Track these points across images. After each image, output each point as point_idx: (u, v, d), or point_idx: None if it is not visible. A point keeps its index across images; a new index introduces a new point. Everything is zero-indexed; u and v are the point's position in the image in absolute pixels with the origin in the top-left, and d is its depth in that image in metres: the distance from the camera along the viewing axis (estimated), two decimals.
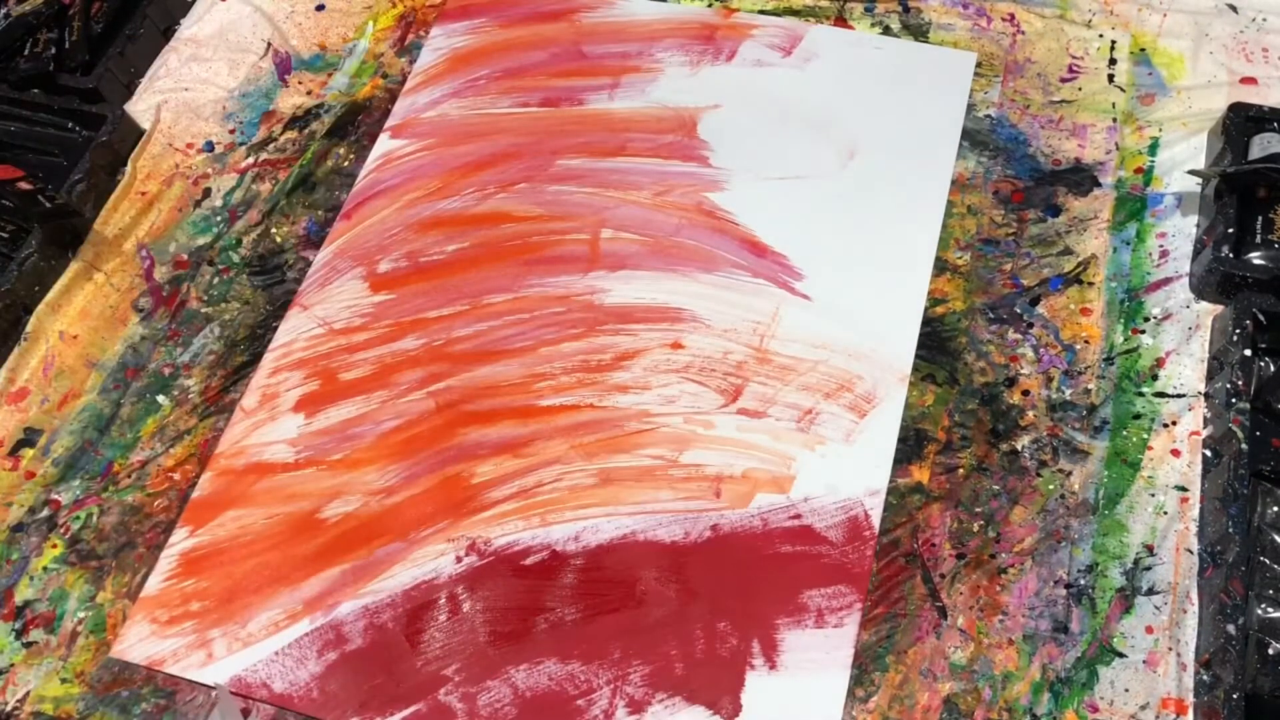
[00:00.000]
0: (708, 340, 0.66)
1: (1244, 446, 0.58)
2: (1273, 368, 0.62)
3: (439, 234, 0.73)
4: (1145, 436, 0.62)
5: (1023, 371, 0.64)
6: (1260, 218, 0.66)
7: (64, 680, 0.59)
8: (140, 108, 0.80)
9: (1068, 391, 0.63)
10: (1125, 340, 0.65)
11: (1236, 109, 0.69)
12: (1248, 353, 0.61)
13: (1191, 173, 0.68)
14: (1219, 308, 0.65)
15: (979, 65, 0.76)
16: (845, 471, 0.61)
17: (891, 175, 0.71)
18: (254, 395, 0.68)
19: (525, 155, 0.75)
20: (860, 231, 0.69)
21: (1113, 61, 0.75)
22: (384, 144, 0.77)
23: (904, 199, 0.70)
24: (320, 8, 0.84)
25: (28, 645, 0.61)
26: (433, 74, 0.80)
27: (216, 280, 0.73)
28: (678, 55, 0.78)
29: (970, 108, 0.74)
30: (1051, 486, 0.61)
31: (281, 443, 0.66)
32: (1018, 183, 0.71)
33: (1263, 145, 0.67)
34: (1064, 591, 0.58)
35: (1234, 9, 0.76)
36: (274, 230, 0.74)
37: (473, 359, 0.67)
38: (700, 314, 0.67)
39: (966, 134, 0.73)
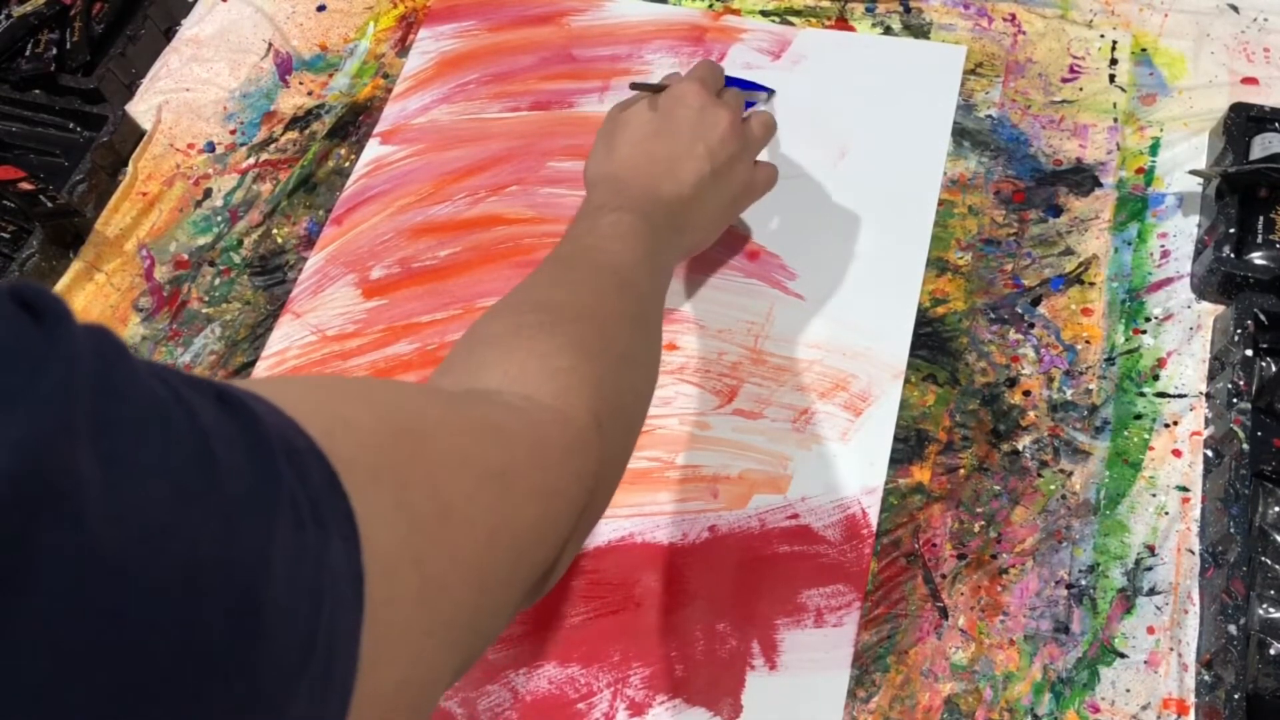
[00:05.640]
0: (702, 341, 0.66)
1: (1245, 447, 0.58)
2: (1274, 368, 0.62)
3: (431, 239, 0.72)
4: (1146, 437, 0.61)
5: (1024, 372, 0.64)
6: (1261, 218, 0.66)
7: None
8: (141, 108, 0.80)
9: (1069, 392, 0.63)
10: (1126, 340, 0.65)
11: (1238, 109, 0.69)
12: (1249, 353, 0.61)
13: (1193, 173, 0.68)
14: (1220, 308, 0.65)
15: (980, 65, 0.75)
16: (842, 470, 0.61)
17: (884, 171, 0.71)
18: None
19: (516, 158, 0.75)
20: (853, 230, 0.69)
21: (1114, 62, 0.75)
22: (373, 149, 0.76)
23: (897, 195, 0.70)
24: (321, 8, 0.84)
25: None
26: (422, 78, 0.79)
27: (217, 281, 0.73)
28: (668, 58, 0.78)
29: (971, 108, 0.74)
30: (1053, 487, 0.60)
31: None
32: (1019, 183, 0.70)
33: (1264, 145, 0.67)
34: (1065, 592, 0.57)
35: (1235, 9, 0.76)
36: (275, 231, 0.74)
37: None
38: (694, 314, 0.67)
39: (968, 134, 0.73)
